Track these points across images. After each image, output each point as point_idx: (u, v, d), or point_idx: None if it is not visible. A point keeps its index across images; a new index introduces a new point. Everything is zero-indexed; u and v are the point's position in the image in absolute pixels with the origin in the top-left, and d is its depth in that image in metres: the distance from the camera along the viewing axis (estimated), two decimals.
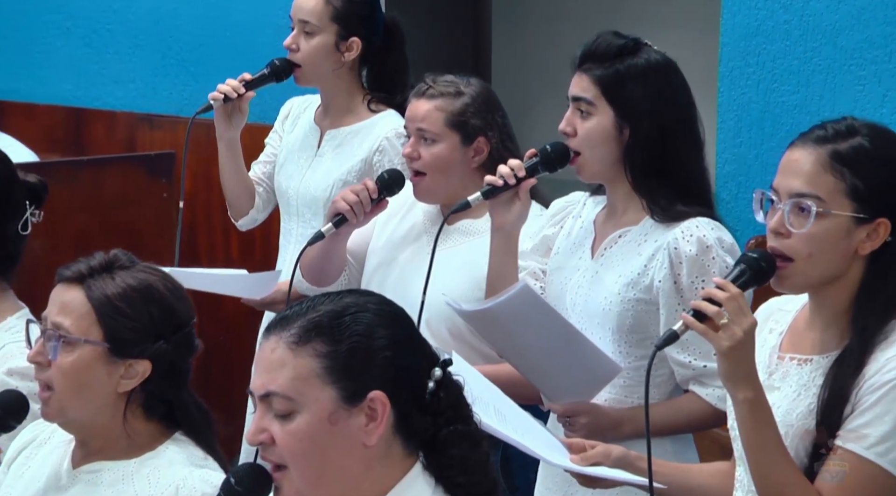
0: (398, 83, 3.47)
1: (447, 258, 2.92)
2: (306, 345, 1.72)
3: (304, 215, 3.49)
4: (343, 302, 1.76)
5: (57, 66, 5.03)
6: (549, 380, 2.54)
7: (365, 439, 1.72)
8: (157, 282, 2.12)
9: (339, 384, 1.71)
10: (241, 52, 4.77)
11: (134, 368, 2.09)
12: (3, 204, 2.39)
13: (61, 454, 2.16)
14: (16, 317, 2.40)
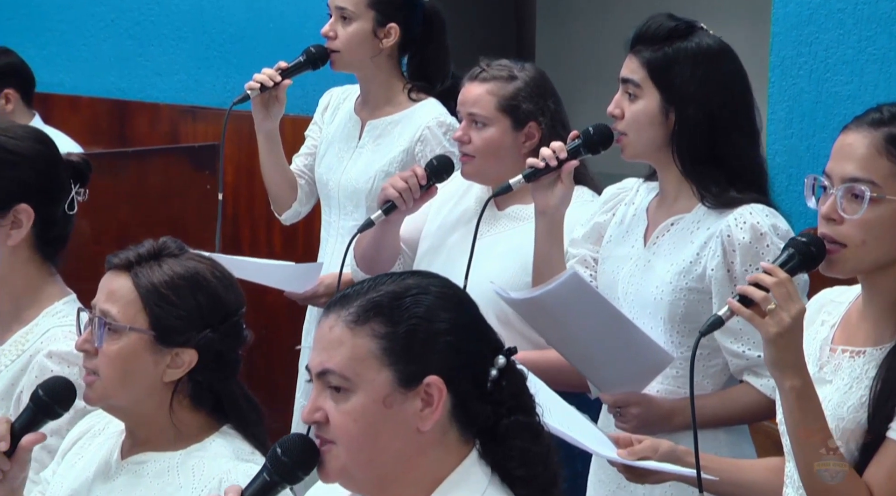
0: (439, 71, 3.43)
1: (495, 243, 2.89)
2: (365, 324, 1.69)
3: (346, 207, 3.46)
4: (405, 283, 1.73)
5: (101, 59, 5.04)
6: (599, 369, 2.50)
7: (419, 424, 1.68)
8: (206, 270, 2.09)
9: (395, 366, 1.68)
10: (284, 44, 4.76)
11: (180, 357, 2.06)
12: (51, 186, 2.37)
13: (112, 444, 2.15)
14: (62, 303, 2.38)
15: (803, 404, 1.97)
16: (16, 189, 2.33)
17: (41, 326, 2.34)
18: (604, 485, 2.57)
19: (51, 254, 2.41)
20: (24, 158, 2.34)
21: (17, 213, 2.33)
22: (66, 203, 2.39)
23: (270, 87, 3.40)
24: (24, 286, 2.37)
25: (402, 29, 3.38)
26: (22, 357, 2.32)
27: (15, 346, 2.34)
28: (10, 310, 2.37)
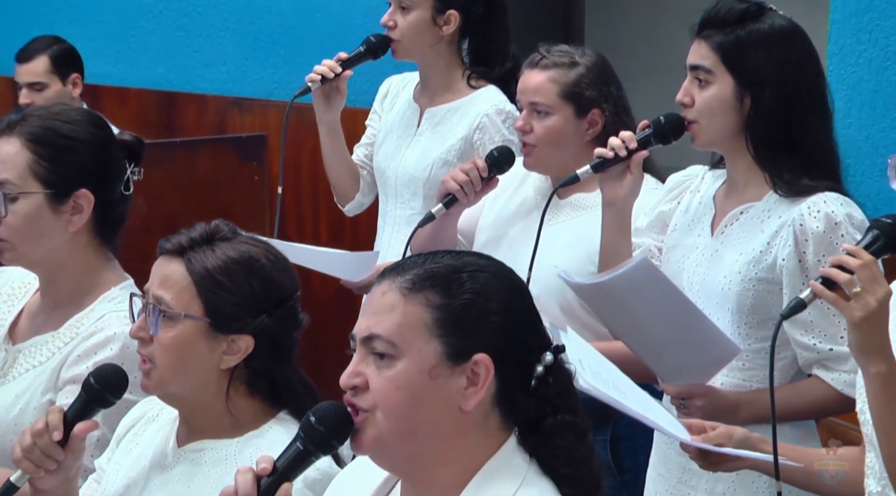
0: (499, 55, 3.40)
1: (557, 233, 2.85)
2: (420, 293, 1.66)
3: (403, 196, 3.43)
4: (463, 259, 1.71)
5: (149, 50, 5.04)
6: (664, 359, 2.45)
7: (462, 403, 1.65)
8: (259, 253, 2.06)
9: (445, 338, 1.65)
10: (332, 35, 4.74)
11: (236, 344, 2.03)
12: (108, 168, 2.34)
13: (167, 432, 2.12)
14: (119, 288, 2.36)
15: (889, 390, 1.91)
16: (76, 175, 2.30)
17: (97, 311, 2.32)
18: (664, 480, 2.52)
19: (109, 236, 2.38)
20: (81, 143, 2.31)
21: (77, 199, 2.30)
22: (123, 184, 2.36)
23: (332, 78, 3.37)
24: (82, 271, 2.34)
25: (461, 14, 3.35)
26: (75, 340, 2.30)
27: (70, 330, 2.32)
28: (67, 295, 2.35)
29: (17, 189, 2.27)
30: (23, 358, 2.33)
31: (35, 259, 2.33)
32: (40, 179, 2.28)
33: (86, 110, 2.39)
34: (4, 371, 2.33)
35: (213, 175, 4.35)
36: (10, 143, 2.29)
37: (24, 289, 2.43)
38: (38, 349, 2.32)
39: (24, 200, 2.28)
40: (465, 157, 3.36)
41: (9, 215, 2.28)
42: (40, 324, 2.36)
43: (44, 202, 2.28)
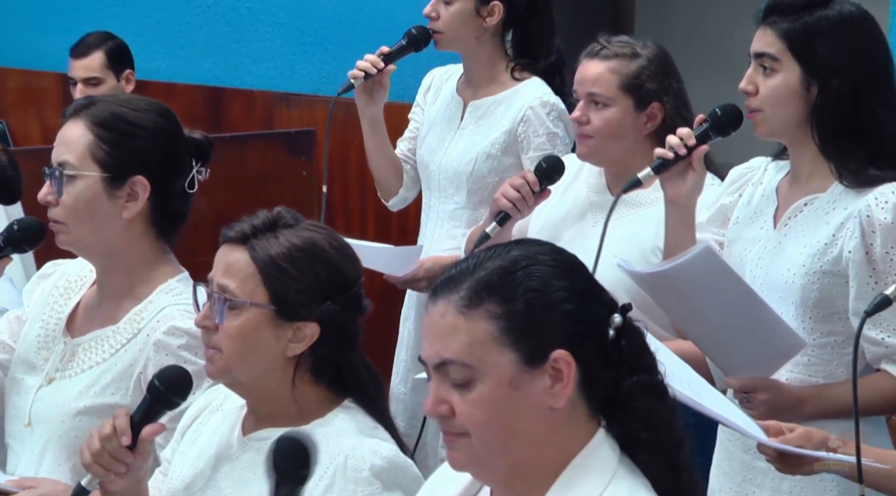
0: (543, 46, 3.37)
1: (612, 230, 2.81)
2: (478, 307, 1.61)
3: (447, 190, 3.42)
4: (511, 255, 1.64)
5: (197, 46, 5.04)
6: (727, 351, 2.41)
7: (551, 402, 1.61)
8: (323, 239, 2.05)
9: (518, 345, 1.60)
10: (380, 30, 4.72)
11: (302, 331, 2.02)
12: (169, 160, 2.33)
13: (233, 421, 2.11)
14: (176, 280, 2.35)
15: None
16: (134, 161, 2.29)
17: (155, 304, 2.31)
18: (728, 478, 2.48)
19: (167, 230, 2.36)
20: (144, 130, 2.30)
21: (133, 186, 2.29)
22: (187, 180, 2.35)
23: (374, 73, 3.36)
24: (137, 261, 2.33)
25: (505, 6, 3.32)
26: (138, 336, 2.29)
27: (130, 325, 2.31)
28: (122, 286, 2.34)
29: (74, 170, 2.28)
30: (83, 352, 2.32)
31: (89, 244, 2.33)
32: (98, 162, 2.28)
33: (155, 101, 2.39)
34: (64, 364, 2.32)
35: (261, 170, 4.34)
36: (76, 125, 2.30)
37: (79, 281, 2.42)
38: (99, 344, 2.31)
39: (80, 182, 2.28)
40: (508, 150, 3.34)
41: (65, 196, 2.28)
42: (98, 317, 2.35)
43: (100, 185, 2.28)
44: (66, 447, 2.27)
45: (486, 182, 3.37)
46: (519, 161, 3.35)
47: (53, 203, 2.29)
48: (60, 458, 2.27)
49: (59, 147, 2.31)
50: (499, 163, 3.36)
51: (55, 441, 2.28)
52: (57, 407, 2.29)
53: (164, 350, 2.25)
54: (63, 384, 2.31)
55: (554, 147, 3.32)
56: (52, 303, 2.41)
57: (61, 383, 2.31)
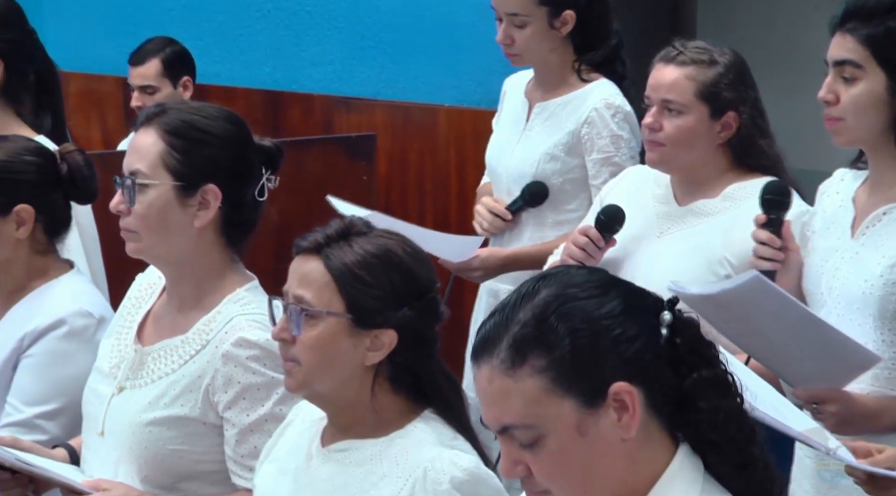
0: (602, 32, 3.32)
1: (679, 240, 2.77)
2: (523, 365, 1.53)
3: (514, 192, 3.40)
4: (541, 300, 1.55)
5: (256, 50, 5.05)
6: (791, 365, 2.35)
7: (622, 434, 1.55)
8: (396, 246, 2.03)
9: (573, 391, 1.53)
10: (439, 34, 4.71)
11: (379, 339, 2.00)
12: (240, 168, 2.31)
13: (312, 433, 2.10)
14: (245, 290, 2.33)
15: None
16: (205, 169, 2.28)
17: (224, 314, 2.29)
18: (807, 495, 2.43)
19: (236, 239, 2.35)
20: (215, 138, 2.29)
21: (205, 194, 2.28)
22: (257, 189, 2.33)
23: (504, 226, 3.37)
24: (207, 270, 2.32)
25: (576, 11, 3.29)
26: (207, 347, 2.27)
27: (199, 335, 2.29)
28: (192, 295, 2.33)
29: (146, 179, 2.27)
30: (152, 362, 2.31)
31: (160, 253, 2.32)
32: (170, 171, 2.27)
33: (225, 109, 2.38)
34: (134, 373, 2.32)
35: (321, 175, 4.33)
36: (148, 133, 2.29)
37: (149, 289, 2.42)
38: (168, 354, 2.31)
39: (152, 191, 2.27)
40: (572, 151, 3.31)
41: (137, 205, 2.27)
42: (167, 326, 2.34)
43: (172, 194, 2.27)
44: (137, 458, 2.26)
45: (552, 183, 3.34)
46: (584, 162, 3.32)
47: (125, 212, 2.29)
48: (132, 470, 2.27)
49: (130, 155, 2.30)
50: (563, 164, 3.33)
51: (126, 451, 2.27)
52: (128, 417, 2.29)
53: (233, 362, 2.24)
54: (133, 393, 2.30)
55: (618, 149, 3.28)
56: (125, 313, 2.41)
57: (132, 393, 2.31)
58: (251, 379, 2.23)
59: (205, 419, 2.25)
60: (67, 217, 2.62)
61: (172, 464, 2.25)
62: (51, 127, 2.94)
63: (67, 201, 2.62)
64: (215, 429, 2.25)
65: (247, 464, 2.22)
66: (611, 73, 3.34)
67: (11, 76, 2.89)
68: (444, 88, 4.71)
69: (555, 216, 3.35)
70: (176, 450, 2.25)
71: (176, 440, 2.25)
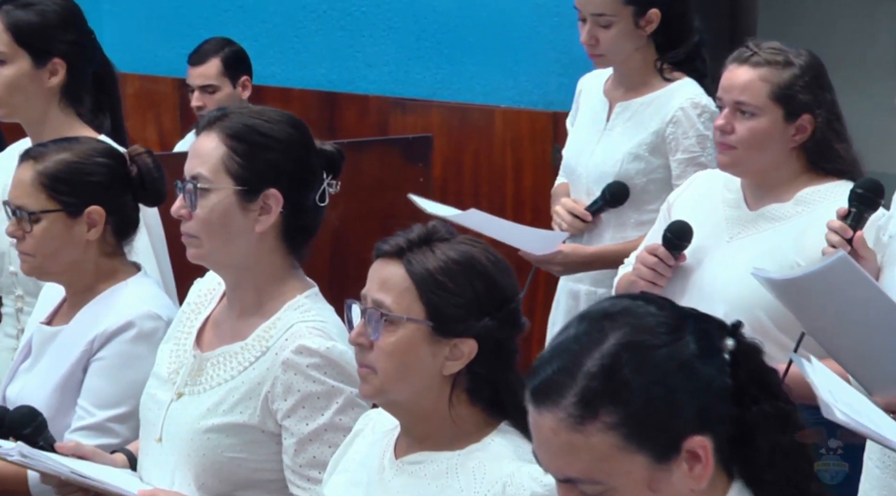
0: (685, 29, 3.28)
1: (751, 245, 2.73)
2: (594, 420, 1.46)
3: (594, 192, 3.36)
4: (610, 347, 1.47)
5: (312, 51, 5.03)
6: (868, 366, 2.30)
7: (693, 485, 1.48)
8: (480, 253, 1.99)
9: (646, 446, 1.47)
10: (496, 34, 4.67)
11: (459, 348, 1.96)
12: (302, 172, 2.28)
13: (384, 445, 2.06)
14: (304, 296, 2.29)
15: None
16: (267, 173, 2.25)
17: (284, 321, 2.26)
18: None
19: (297, 244, 2.31)
20: (277, 142, 2.26)
21: (266, 199, 2.25)
22: (318, 194, 2.30)
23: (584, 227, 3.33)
24: (267, 276, 2.29)
25: (661, 9, 3.25)
26: (267, 354, 2.25)
27: (258, 342, 2.27)
28: (252, 301, 2.30)
29: (208, 183, 2.25)
30: (211, 368, 2.29)
31: (221, 258, 2.29)
32: (232, 175, 2.25)
33: (287, 112, 2.35)
34: (193, 379, 2.30)
35: (378, 177, 4.30)
36: (210, 138, 2.27)
37: (209, 295, 2.39)
38: (228, 360, 2.28)
39: (214, 195, 2.25)
40: (656, 151, 3.27)
41: (199, 209, 2.25)
42: (226, 332, 2.32)
43: (233, 198, 2.25)
44: (195, 465, 2.24)
45: (634, 183, 3.30)
46: (667, 162, 3.29)
47: (187, 217, 2.27)
48: (189, 477, 2.24)
49: (192, 160, 2.28)
50: (647, 164, 3.30)
51: (184, 458, 2.25)
52: (186, 424, 2.26)
53: (293, 369, 2.21)
54: (192, 399, 2.28)
55: (704, 149, 3.24)
56: (183, 318, 2.39)
57: (190, 399, 2.28)
58: (311, 387, 2.20)
59: (263, 427, 2.22)
60: (136, 219, 2.61)
61: (230, 471, 2.23)
62: (110, 127, 2.94)
63: (136, 203, 2.61)
64: (274, 437, 2.22)
65: (305, 473, 2.19)
66: (691, 71, 3.30)
67: (72, 77, 2.90)
68: (501, 89, 4.68)
69: (637, 216, 3.31)
70: (234, 458, 2.23)
71: (234, 448, 2.22)
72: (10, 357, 2.86)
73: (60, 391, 2.49)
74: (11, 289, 2.88)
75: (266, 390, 2.22)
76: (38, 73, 2.86)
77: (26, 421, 2.37)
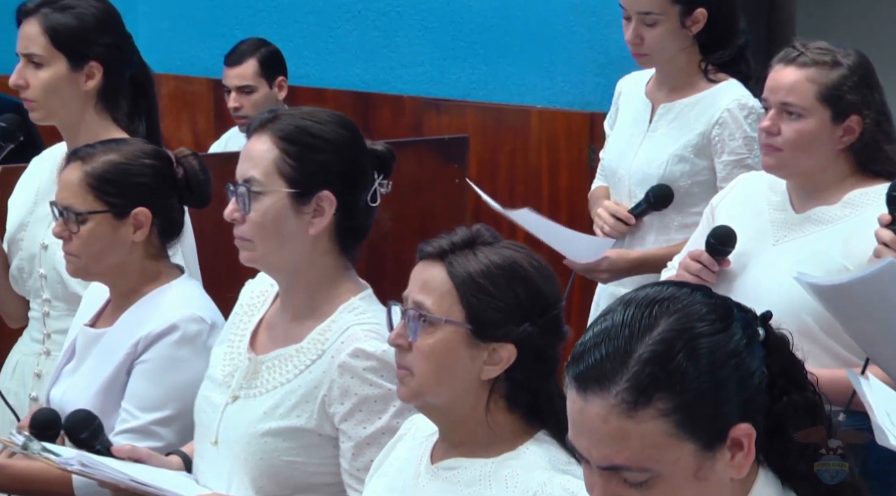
0: (730, 32, 3.26)
1: (797, 248, 2.69)
2: (647, 406, 1.44)
3: (636, 194, 3.33)
4: (661, 333, 1.45)
5: (347, 51, 5.02)
6: None
7: (734, 474, 1.48)
8: (523, 259, 1.97)
9: (696, 434, 1.45)
10: (532, 34, 4.65)
11: (498, 353, 1.94)
12: (354, 173, 2.27)
13: (421, 450, 2.04)
14: (359, 298, 2.28)
15: None
16: (320, 175, 2.24)
17: (339, 323, 2.24)
18: None
19: (349, 246, 2.30)
20: (328, 143, 2.25)
21: (319, 201, 2.24)
22: (369, 194, 2.29)
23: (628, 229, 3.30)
24: (321, 278, 2.28)
25: (707, 8, 3.22)
26: (323, 357, 2.23)
27: (314, 345, 2.25)
28: (305, 304, 2.28)
29: (261, 186, 2.23)
30: (266, 371, 2.28)
31: (274, 261, 2.28)
32: (285, 178, 2.23)
33: (337, 113, 2.34)
34: (248, 382, 2.29)
35: (414, 177, 4.28)
36: (261, 140, 2.25)
37: (261, 297, 2.38)
38: (283, 363, 2.27)
39: (267, 198, 2.23)
40: (701, 153, 3.25)
41: (252, 213, 2.23)
42: (280, 335, 2.31)
43: (286, 201, 2.23)
44: (252, 469, 2.23)
45: (679, 186, 3.28)
46: (713, 164, 3.26)
47: (240, 220, 2.26)
48: (245, 480, 2.23)
49: (244, 163, 2.26)
50: (692, 166, 3.27)
51: (241, 462, 2.24)
52: (242, 427, 2.25)
53: (349, 372, 2.20)
54: (248, 403, 2.27)
55: (750, 151, 3.21)
56: (236, 320, 2.38)
57: (246, 402, 2.27)
58: (368, 391, 2.19)
59: (320, 430, 2.21)
60: (181, 221, 2.60)
61: (287, 475, 2.22)
62: (145, 132, 2.93)
63: (182, 205, 2.60)
64: (331, 440, 2.22)
65: (363, 477, 2.17)
66: (736, 72, 3.27)
67: (109, 80, 2.88)
68: (537, 89, 4.65)
69: (681, 219, 3.29)
70: (291, 462, 2.21)
71: (291, 451, 2.21)
72: (35, 361, 2.88)
73: (104, 393, 2.48)
74: (39, 292, 2.88)
75: (323, 394, 2.21)
76: (75, 76, 2.85)
77: (83, 425, 2.36)
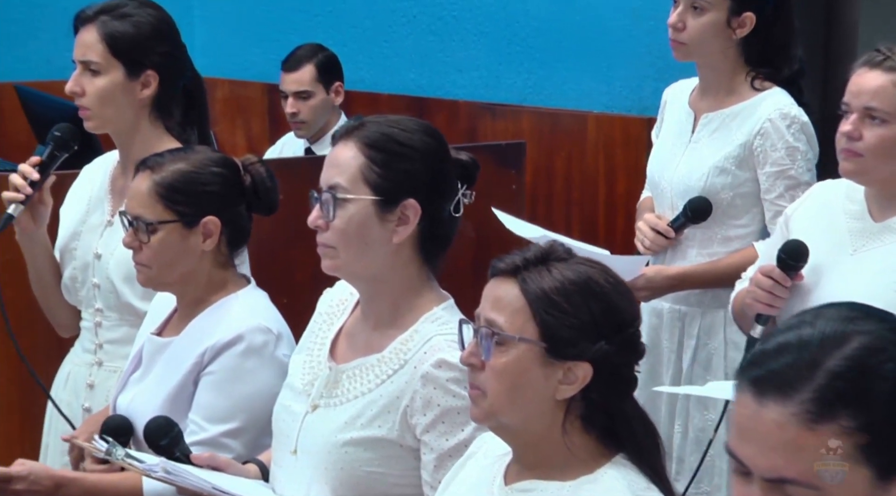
0: (786, 57, 3.21)
1: (871, 259, 2.63)
2: (831, 421, 1.38)
3: (678, 207, 3.28)
4: (854, 349, 1.39)
5: (402, 55, 4.99)
6: None
7: None
8: (598, 275, 1.93)
9: (875, 460, 1.38)
10: (589, 38, 4.60)
11: (573, 372, 1.89)
12: (439, 182, 2.23)
13: (496, 469, 1.99)
14: (441, 309, 2.24)
15: None
16: (405, 183, 2.20)
17: (421, 334, 2.21)
18: None
19: (432, 255, 2.26)
20: (414, 151, 2.21)
21: (404, 209, 2.20)
22: (453, 204, 2.26)
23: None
24: (403, 288, 2.24)
25: (757, 16, 3.17)
26: (405, 367, 2.20)
27: (396, 355, 2.22)
28: (387, 313, 2.25)
29: (346, 193, 2.20)
30: (347, 380, 2.25)
31: (356, 269, 2.25)
32: (370, 185, 2.20)
33: (423, 121, 2.31)
34: (328, 391, 2.26)
35: None
36: (347, 147, 2.22)
37: (341, 306, 2.35)
38: (364, 373, 2.24)
39: (352, 205, 2.20)
40: (744, 164, 3.19)
41: (336, 220, 2.21)
42: (361, 344, 2.27)
43: (371, 209, 2.20)
44: (332, 479, 2.20)
45: (721, 198, 3.22)
46: (755, 176, 3.20)
47: (323, 227, 2.23)
48: (325, 490, 2.20)
49: (329, 169, 2.24)
50: (734, 178, 3.22)
51: (322, 472, 2.21)
52: (322, 437, 2.22)
53: (433, 383, 2.16)
54: (328, 412, 2.24)
55: (794, 162, 3.16)
56: (315, 329, 2.35)
57: (326, 411, 2.24)
58: (451, 402, 2.15)
59: (402, 441, 2.18)
60: (249, 229, 2.58)
61: (368, 486, 2.18)
62: (197, 142, 2.91)
63: (249, 213, 2.58)
64: (412, 451, 2.18)
65: None
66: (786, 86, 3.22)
67: (164, 89, 2.87)
68: (594, 94, 4.60)
69: (723, 231, 3.24)
70: (372, 473, 2.18)
71: (373, 462, 2.18)
72: (87, 372, 2.87)
73: (171, 402, 2.46)
74: (91, 302, 2.87)
75: (405, 404, 2.18)
76: (131, 84, 2.83)
77: (163, 431, 2.34)
